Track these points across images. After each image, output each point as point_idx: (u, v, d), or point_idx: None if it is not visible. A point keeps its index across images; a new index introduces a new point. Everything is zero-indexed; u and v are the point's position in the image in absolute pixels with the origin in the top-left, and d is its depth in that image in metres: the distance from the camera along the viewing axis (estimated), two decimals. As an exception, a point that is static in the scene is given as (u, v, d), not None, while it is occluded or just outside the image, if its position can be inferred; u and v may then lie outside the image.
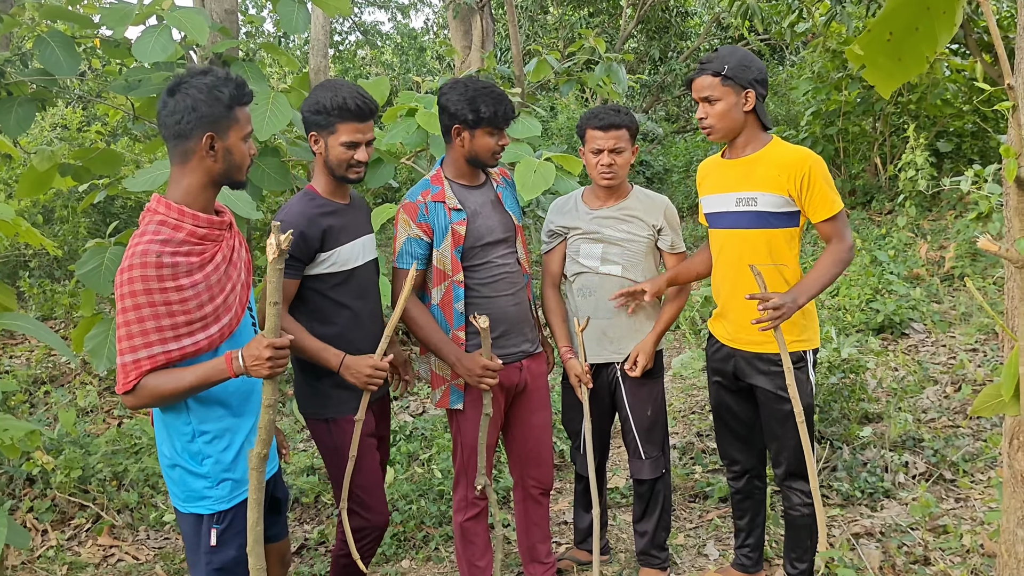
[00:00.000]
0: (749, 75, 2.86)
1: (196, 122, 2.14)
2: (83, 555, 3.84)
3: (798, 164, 2.83)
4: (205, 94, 2.14)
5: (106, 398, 5.69)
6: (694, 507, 4.14)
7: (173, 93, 2.15)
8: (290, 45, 18.06)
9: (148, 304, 2.06)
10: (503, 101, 2.91)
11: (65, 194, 8.01)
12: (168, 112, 2.15)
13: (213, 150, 2.17)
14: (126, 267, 2.05)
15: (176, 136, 2.15)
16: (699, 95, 2.91)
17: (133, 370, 2.09)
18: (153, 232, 2.09)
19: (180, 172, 2.18)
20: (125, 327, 2.06)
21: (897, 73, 1.43)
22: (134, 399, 2.13)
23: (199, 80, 2.15)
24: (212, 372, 2.14)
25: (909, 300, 6.41)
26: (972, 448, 4.32)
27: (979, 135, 9.43)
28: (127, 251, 2.08)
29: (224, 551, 2.31)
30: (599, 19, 16.12)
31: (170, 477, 2.32)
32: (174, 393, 2.13)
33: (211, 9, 5.42)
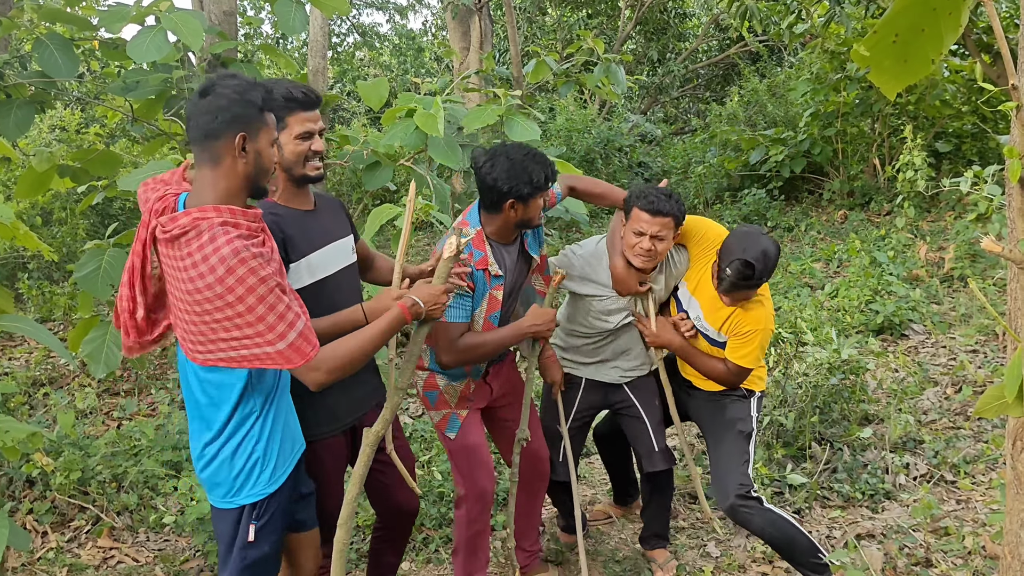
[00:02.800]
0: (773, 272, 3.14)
1: (229, 122, 2.13)
2: (83, 557, 3.83)
3: (753, 328, 3.18)
4: (238, 95, 2.13)
5: (105, 400, 5.68)
6: (694, 507, 4.14)
7: (205, 94, 2.14)
8: (288, 47, 18.06)
9: (269, 291, 2.07)
10: (547, 162, 2.88)
11: (64, 196, 8.00)
12: (200, 111, 2.13)
13: (244, 151, 2.16)
14: (225, 271, 2.03)
15: (207, 136, 2.13)
16: (742, 299, 3.18)
17: (311, 334, 2.15)
18: (224, 233, 2.07)
19: (213, 175, 2.16)
20: (261, 321, 2.07)
21: (902, 74, 1.43)
22: (321, 373, 2.19)
23: (231, 82, 2.15)
24: (391, 322, 2.32)
25: (909, 301, 6.40)
26: (973, 450, 4.31)
27: (978, 136, 9.43)
28: (207, 262, 2.05)
29: (259, 546, 2.34)
30: (597, 20, 16.13)
31: (209, 471, 2.32)
32: (359, 352, 2.25)
33: (209, 11, 5.41)
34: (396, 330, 2.31)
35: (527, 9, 16.15)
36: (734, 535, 3.84)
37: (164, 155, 6.45)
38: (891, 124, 9.70)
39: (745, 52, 15.71)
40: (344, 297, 2.71)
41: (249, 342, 2.09)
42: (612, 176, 12.17)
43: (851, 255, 7.75)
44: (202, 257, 2.05)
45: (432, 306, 2.38)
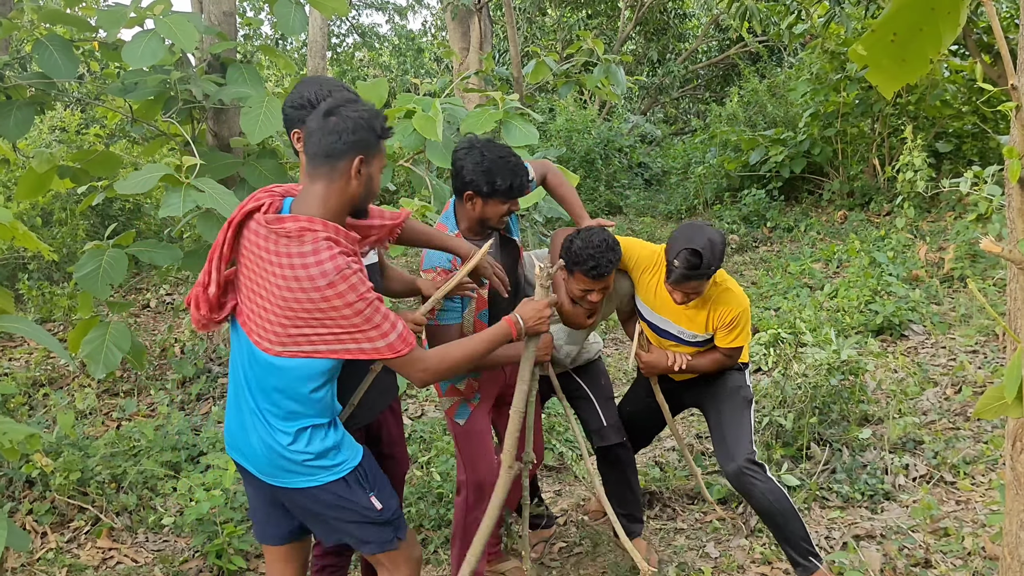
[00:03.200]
0: (722, 261, 3.15)
1: (352, 145, 2.23)
2: (82, 557, 3.83)
3: (730, 312, 3.26)
4: (364, 120, 2.25)
5: (104, 400, 5.68)
6: (693, 508, 4.13)
7: (330, 115, 2.25)
8: (288, 48, 18.06)
9: (366, 304, 2.19)
10: (519, 173, 2.89)
11: (64, 196, 8.00)
12: (327, 131, 2.23)
13: (359, 174, 2.27)
14: (326, 285, 2.14)
15: (328, 155, 2.23)
16: (686, 291, 3.15)
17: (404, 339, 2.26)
18: (328, 248, 2.18)
19: (326, 192, 2.26)
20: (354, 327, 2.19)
21: (900, 74, 1.43)
22: (430, 374, 2.35)
23: (356, 106, 2.27)
24: (499, 336, 2.49)
25: (908, 302, 6.40)
26: (973, 450, 4.31)
27: (979, 136, 9.42)
28: (306, 270, 2.15)
29: (388, 508, 2.45)
30: (597, 21, 16.14)
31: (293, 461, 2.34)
32: (467, 358, 2.42)
33: (209, 11, 5.41)
34: (500, 343, 2.48)
35: (527, 10, 16.15)
36: (733, 536, 3.84)
37: (163, 156, 6.46)
38: (891, 124, 9.70)
39: (745, 52, 15.72)
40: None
41: (335, 338, 2.21)
42: (612, 176, 12.17)
43: (851, 255, 7.75)
44: (303, 264, 2.16)
45: (535, 322, 2.52)
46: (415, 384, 2.36)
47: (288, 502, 2.43)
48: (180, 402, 5.62)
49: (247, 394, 2.36)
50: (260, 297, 2.26)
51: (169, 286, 8.26)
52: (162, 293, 8.12)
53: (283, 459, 2.33)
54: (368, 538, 2.46)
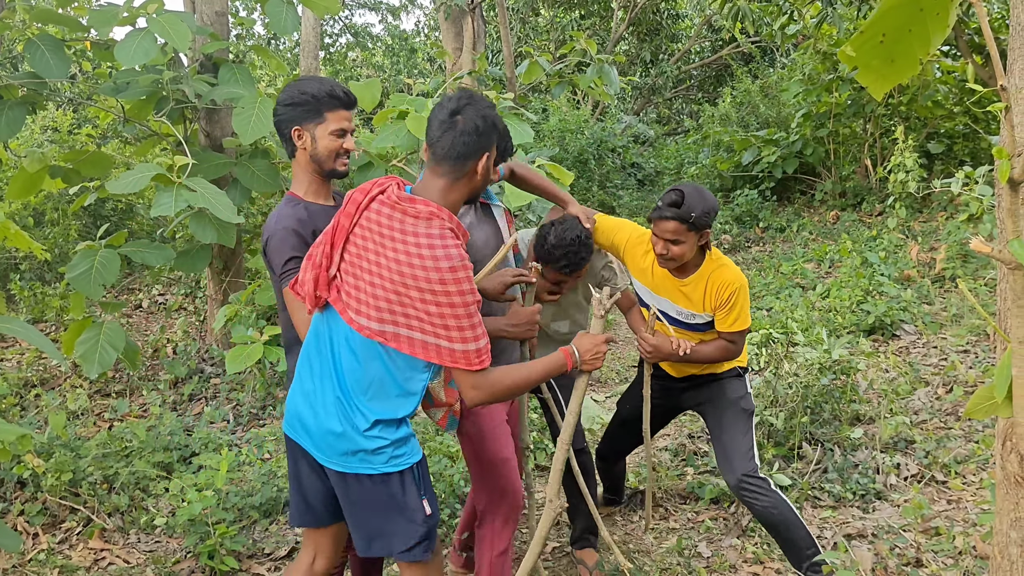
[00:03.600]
0: (708, 219, 3.09)
1: (480, 144, 2.31)
2: (74, 558, 3.82)
3: (727, 289, 3.19)
4: (490, 119, 2.33)
5: (96, 401, 5.66)
6: (685, 508, 4.14)
7: (456, 114, 2.31)
8: (281, 48, 18.03)
9: (473, 302, 2.23)
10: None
11: (56, 196, 7.97)
12: (459, 132, 2.29)
13: (483, 169, 2.35)
14: (447, 268, 2.18)
15: (460, 156, 2.30)
16: (663, 236, 3.09)
17: (485, 354, 2.28)
18: (452, 237, 2.24)
19: (450, 187, 2.33)
20: (455, 319, 2.22)
21: (890, 75, 1.44)
22: (486, 393, 2.32)
23: (481, 104, 2.34)
24: (554, 366, 2.46)
25: (900, 301, 6.42)
26: (964, 450, 4.33)
27: (970, 136, 9.47)
28: (431, 250, 2.19)
29: (434, 516, 2.46)
30: (590, 21, 16.15)
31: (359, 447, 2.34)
32: (520, 385, 2.40)
33: (201, 11, 5.40)
34: (555, 373, 2.45)
35: (520, 10, 16.15)
36: (725, 535, 3.85)
37: (155, 156, 6.44)
38: (883, 125, 9.73)
39: (738, 53, 15.75)
40: None
41: (432, 329, 2.23)
42: (605, 176, 12.18)
43: (843, 255, 7.77)
44: (429, 244, 2.20)
45: (592, 356, 2.50)
46: (466, 401, 2.36)
47: (341, 491, 2.42)
48: (172, 403, 5.61)
49: (333, 377, 2.37)
50: (369, 273, 2.28)
51: (162, 286, 8.24)
52: (154, 293, 8.09)
53: (354, 443, 2.33)
54: (407, 543, 2.43)
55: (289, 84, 2.70)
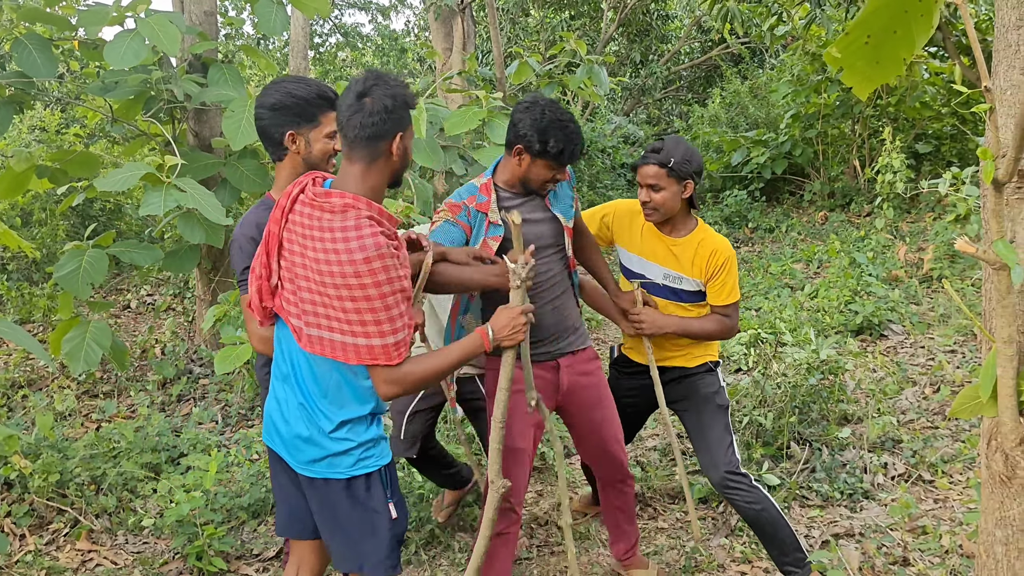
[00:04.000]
0: (690, 168, 3.16)
1: (391, 123, 2.23)
2: (61, 560, 3.81)
3: (717, 255, 3.22)
4: (400, 96, 2.24)
5: (84, 402, 5.64)
6: (674, 507, 4.15)
7: (363, 96, 2.23)
8: (270, 48, 17.99)
9: (391, 292, 2.16)
10: (573, 140, 2.81)
11: (43, 196, 7.95)
12: (365, 114, 2.21)
13: (398, 150, 2.28)
14: (361, 259, 2.12)
15: (371, 138, 2.22)
16: (644, 181, 3.17)
17: (403, 347, 2.22)
18: (370, 226, 2.16)
19: (366, 172, 2.26)
20: (371, 313, 2.16)
21: (875, 75, 1.45)
22: (399, 386, 2.25)
23: (388, 82, 2.25)
24: (471, 347, 2.37)
25: (888, 302, 6.45)
26: (951, 449, 4.35)
27: (958, 137, 9.52)
28: (347, 244, 2.13)
29: (400, 522, 2.43)
30: (580, 22, 16.15)
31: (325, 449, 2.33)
32: (438, 372, 2.31)
33: (190, 11, 5.39)
34: (472, 355, 2.37)
35: (510, 10, 16.15)
36: (714, 535, 3.86)
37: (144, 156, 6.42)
38: (871, 126, 9.77)
39: (727, 54, 15.78)
40: None
41: (349, 328, 2.18)
42: (595, 177, 12.19)
43: (831, 256, 7.80)
44: (344, 238, 2.15)
45: (511, 331, 2.41)
46: (380, 395, 2.30)
47: (311, 499, 2.41)
48: (160, 403, 5.59)
49: (294, 382, 2.36)
50: (298, 277, 2.26)
51: (150, 287, 8.22)
52: (143, 294, 8.07)
53: (321, 447, 2.32)
54: (372, 556, 2.38)
55: (271, 86, 2.64)
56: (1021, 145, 1.59)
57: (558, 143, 2.78)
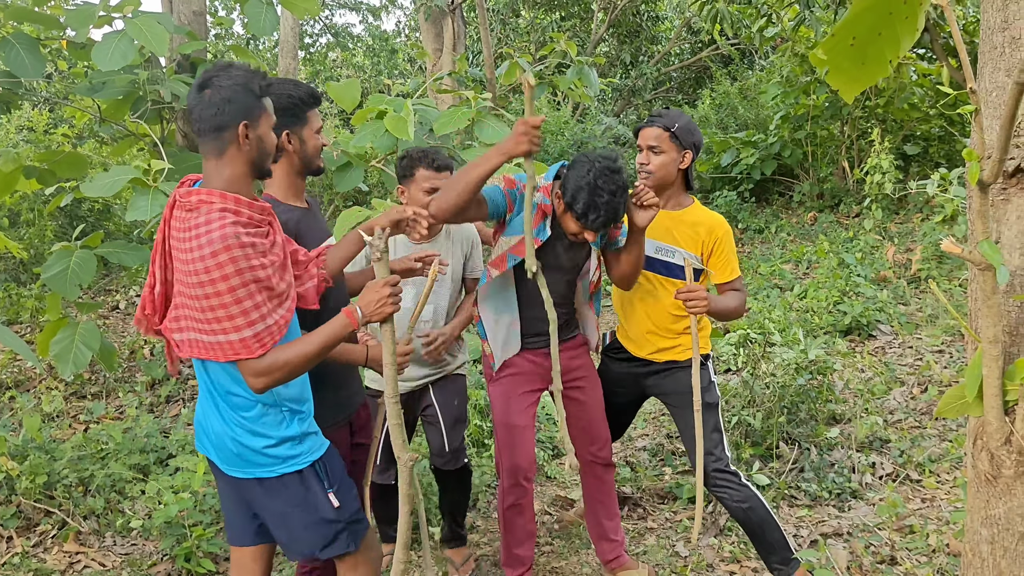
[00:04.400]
0: (691, 138, 3.18)
1: (232, 113, 2.19)
2: (49, 562, 3.79)
3: (714, 230, 3.21)
4: (239, 86, 2.20)
5: (72, 403, 5.62)
6: (663, 507, 4.16)
7: (204, 88, 2.20)
8: (260, 48, 17.95)
9: (242, 284, 2.12)
10: (602, 209, 2.80)
11: (31, 197, 7.91)
12: (204, 106, 2.19)
13: (247, 139, 2.23)
14: (209, 254, 2.09)
15: (213, 128, 2.20)
16: (646, 143, 3.18)
17: (267, 337, 2.17)
18: (220, 218, 2.13)
19: (218, 164, 2.23)
20: (223, 308, 2.12)
21: (861, 77, 1.45)
22: (267, 377, 2.20)
23: (229, 72, 2.22)
24: (337, 329, 2.30)
25: (876, 302, 6.48)
26: (938, 449, 4.37)
27: (946, 139, 9.56)
28: (196, 240, 2.11)
29: (346, 508, 2.41)
30: (571, 23, 16.16)
31: (245, 447, 2.31)
32: (306, 358, 2.25)
33: (179, 11, 5.37)
34: (339, 337, 2.31)
35: (500, 11, 16.15)
36: (703, 535, 3.87)
37: (133, 156, 6.39)
38: (860, 127, 9.81)
39: (717, 55, 15.82)
40: (340, 297, 2.82)
41: (208, 327, 2.15)
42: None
43: (820, 256, 7.83)
44: (195, 235, 2.12)
45: (378, 306, 2.34)
46: (252, 390, 2.22)
47: (251, 498, 2.40)
48: (149, 404, 5.57)
49: (205, 389, 2.35)
50: (169, 280, 2.25)
51: (139, 288, 8.19)
52: (131, 295, 8.04)
53: (242, 447, 2.31)
54: (321, 542, 2.40)
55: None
56: (1006, 147, 1.60)
57: (586, 207, 2.81)
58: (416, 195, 3.14)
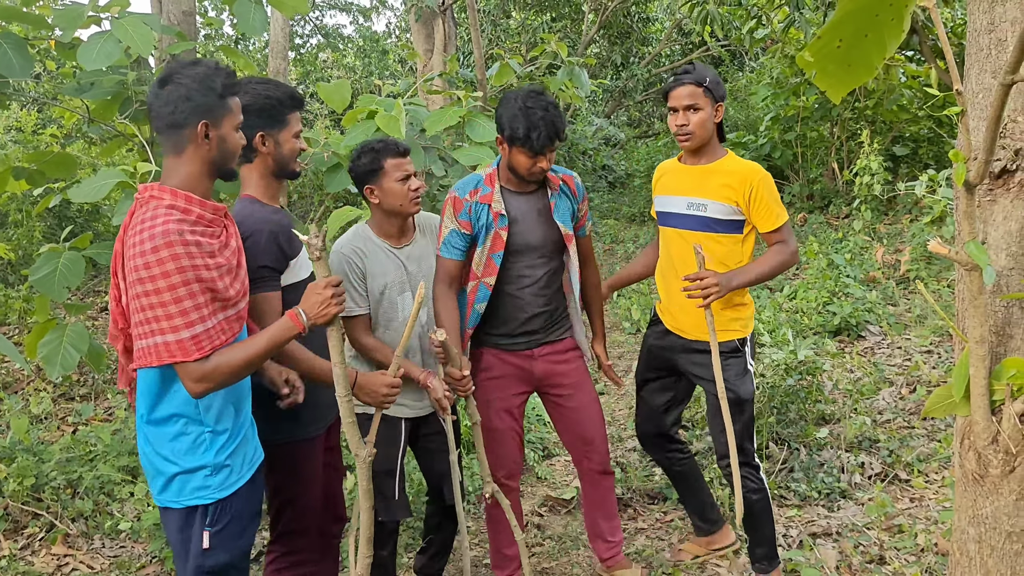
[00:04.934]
0: (721, 91, 3.10)
1: (191, 111, 2.14)
2: (36, 564, 3.77)
3: (748, 178, 3.03)
4: (199, 83, 2.14)
5: (60, 405, 5.59)
6: (653, 508, 4.16)
7: (165, 84, 2.15)
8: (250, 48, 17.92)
9: (183, 283, 2.05)
10: (540, 125, 2.85)
11: (19, 198, 7.88)
12: (162, 103, 2.14)
13: (208, 138, 2.17)
14: (149, 249, 2.02)
15: (171, 126, 2.15)
16: (682, 103, 3.07)
17: (205, 340, 2.08)
18: (165, 214, 2.08)
19: (175, 162, 2.18)
20: (162, 307, 2.04)
21: (847, 79, 1.46)
22: (207, 383, 2.11)
23: (191, 70, 2.16)
24: (281, 332, 2.21)
25: (865, 303, 6.50)
26: (926, 448, 4.39)
27: (934, 140, 9.60)
28: (139, 235, 2.05)
29: (216, 554, 2.25)
30: (561, 24, 16.18)
31: (159, 472, 2.23)
32: (247, 363, 2.16)
33: (168, 11, 5.36)
34: (283, 340, 2.22)
35: (491, 12, 16.15)
36: (693, 534, 3.87)
37: (122, 157, 6.37)
38: (849, 128, 9.85)
39: (707, 56, 15.85)
40: None
41: (147, 329, 2.06)
42: (576, 179, 12.21)
43: (810, 257, 7.85)
44: (139, 230, 2.07)
45: (322, 307, 2.23)
46: (191, 395, 2.13)
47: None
48: (138, 406, 5.55)
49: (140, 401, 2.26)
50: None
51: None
52: (121, 296, 8.01)
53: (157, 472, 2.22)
54: None
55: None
56: (992, 148, 1.61)
57: (526, 128, 2.85)
58: (392, 187, 2.91)
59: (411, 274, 3.04)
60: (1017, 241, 1.89)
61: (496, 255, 3.03)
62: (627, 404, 5.56)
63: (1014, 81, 1.46)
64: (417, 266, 3.06)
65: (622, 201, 12.29)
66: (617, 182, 13.34)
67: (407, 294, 3.02)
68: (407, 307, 3.02)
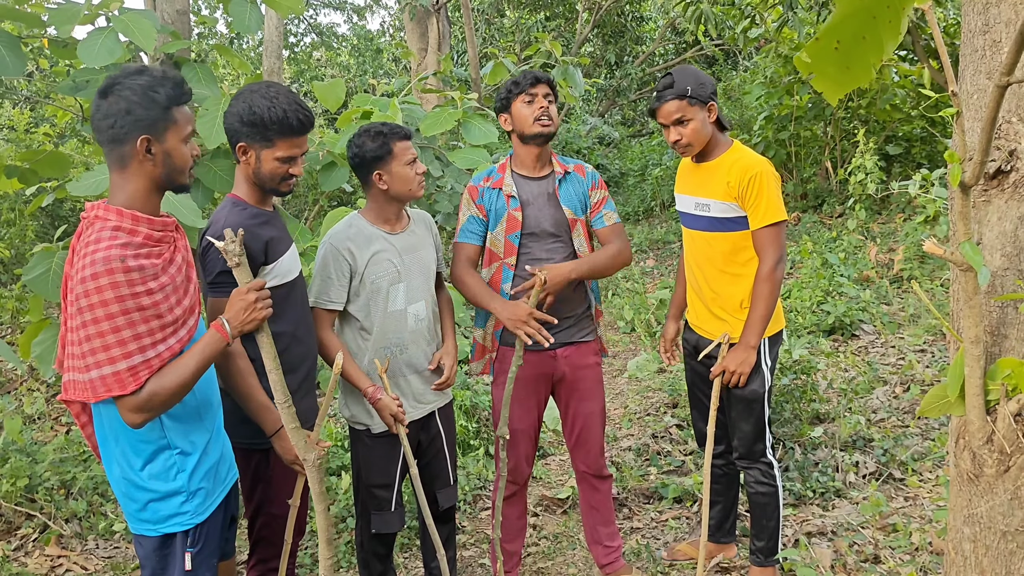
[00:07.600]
0: (707, 90, 3.05)
1: (131, 126, 2.02)
2: (30, 566, 3.76)
3: (747, 171, 3.01)
4: (140, 95, 2.01)
5: (54, 405, 5.57)
6: (648, 508, 4.17)
7: (106, 95, 2.02)
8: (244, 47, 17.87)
9: (122, 312, 1.95)
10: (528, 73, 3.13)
11: (12, 197, 7.86)
12: (101, 116, 2.02)
13: (151, 154, 2.05)
14: (89, 275, 1.93)
15: (111, 141, 2.03)
16: (669, 120, 3.05)
17: (143, 370, 1.99)
18: (110, 238, 1.97)
19: (121, 178, 2.07)
20: (99, 338, 1.95)
21: (845, 81, 1.46)
22: (145, 413, 2.01)
23: (133, 80, 2.03)
24: (209, 346, 2.11)
25: (859, 302, 6.51)
26: (921, 447, 4.40)
27: (928, 139, 9.61)
28: (81, 260, 1.96)
29: (200, 573, 2.21)
30: (555, 23, 16.18)
31: (132, 500, 2.17)
32: (182, 385, 2.05)
33: (162, 10, 5.34)
34: (215, 353, 2.13)
35: (485, 11, 16.15)
36: (688, 534, 3.88)
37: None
38: (843, 128, 9.86)
39: (701, 56, 15.87)
40: (305, 300, 2.80)
41: (82, 363, 1.98)
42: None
43: (804, 256, 7.86)
44: (82, 255, 1.98)
45: (247, 314, 2.14)
46: (130, 426, 2.03)
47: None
48: (132, 406, 5.53)
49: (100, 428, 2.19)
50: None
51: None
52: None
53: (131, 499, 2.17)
54: None
55: (246, 90, 2.59)
56: (987, 149, 1.62)
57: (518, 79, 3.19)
58: (400, 170, 2.88)
59: (404, 263, 2.99)
60: (1012, 241, 1.89)
61: (513, 236, 3.11)
62: (622, 404, 5.57)
63: (1009, 83, 1.47)
64: (410, 256, 3.01)
65: (616, 200, 12.30)
66: (611, 181, 13.34)
67: (398, 286, 2.96)
68: (394, 300, 2.95)
